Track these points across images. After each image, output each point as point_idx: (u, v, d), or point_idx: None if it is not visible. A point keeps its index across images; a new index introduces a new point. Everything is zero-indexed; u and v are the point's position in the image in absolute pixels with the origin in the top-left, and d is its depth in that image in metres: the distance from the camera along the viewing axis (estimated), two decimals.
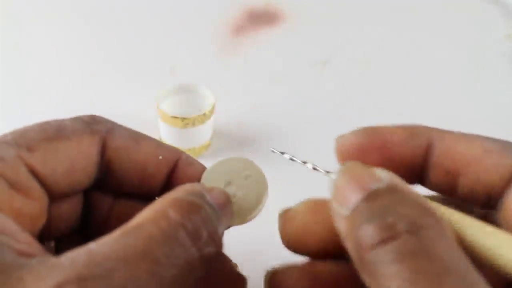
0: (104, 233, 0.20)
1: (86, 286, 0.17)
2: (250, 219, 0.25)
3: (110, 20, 0.54)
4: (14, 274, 0.17)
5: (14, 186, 0.21)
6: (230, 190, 0.25)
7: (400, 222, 0.18)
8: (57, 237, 0.24)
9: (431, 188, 0.23)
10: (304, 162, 0.24)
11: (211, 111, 0.40)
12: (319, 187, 0.40)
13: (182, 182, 0.25)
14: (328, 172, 0.23)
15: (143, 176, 0.25)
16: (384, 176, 0.20)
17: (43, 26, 0.53)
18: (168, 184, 0.25)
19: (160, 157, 0.25)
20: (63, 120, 0.24)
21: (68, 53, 0.50)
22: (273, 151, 0.25)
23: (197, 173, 0.25)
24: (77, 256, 0.18)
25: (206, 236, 0.20)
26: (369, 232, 0.18)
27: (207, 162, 0.41)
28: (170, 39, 0.52)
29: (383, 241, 0.18)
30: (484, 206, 0.22)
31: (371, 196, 0.20)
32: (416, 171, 0.23)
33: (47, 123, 0.24)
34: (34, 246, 0.20)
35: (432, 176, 0.23)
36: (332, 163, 0.43)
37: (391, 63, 0.51)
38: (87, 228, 0.26)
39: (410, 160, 0.22)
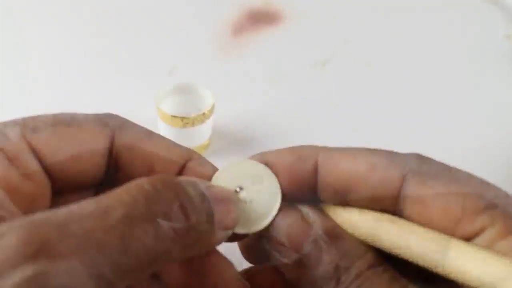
0: None
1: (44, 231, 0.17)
2: (256, 230, 0.24)
3: (110, 20, 0.54)
4: None
5: (14, 162, 0.21)
6: (240, 195, 0.24)
7: None
8: None
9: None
10: None
11: (211, 111, 0.40)
12: None
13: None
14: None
15: (151, 173, 0.24)
16: None
17: (42, 25, 0.53)
18: None
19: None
20: (77, 113, 0.24)
21: (67, 52, 0.50)
22: None
23: (208, 175, 0.25)
24: (29, 221, 0.18)
25: (176, 210, 0.20)
26: None
27: None
28: (169, 39, 0.52)
29: None
30: None
31: None
32: (311, 192, 0.23)
33: (61, 113, 0.24)
34: (16, 216, 0.20)
35: (323, 196, 0.23)
36: None
37: (390, 63, 0.51)
38: None
39: (300, 182, 0.23)
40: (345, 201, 0.23)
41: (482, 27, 0.54)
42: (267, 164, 0.24)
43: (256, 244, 0.25)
